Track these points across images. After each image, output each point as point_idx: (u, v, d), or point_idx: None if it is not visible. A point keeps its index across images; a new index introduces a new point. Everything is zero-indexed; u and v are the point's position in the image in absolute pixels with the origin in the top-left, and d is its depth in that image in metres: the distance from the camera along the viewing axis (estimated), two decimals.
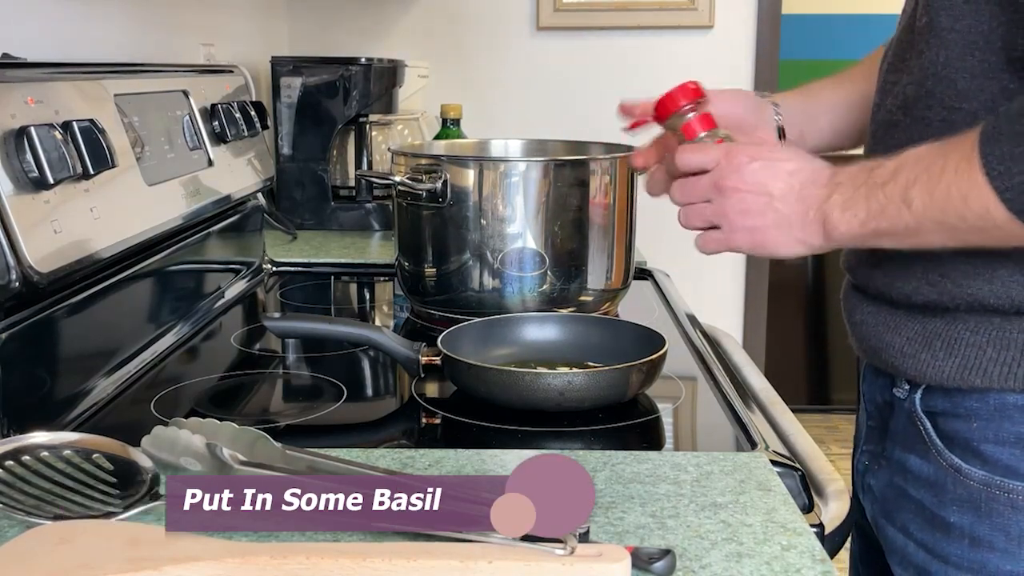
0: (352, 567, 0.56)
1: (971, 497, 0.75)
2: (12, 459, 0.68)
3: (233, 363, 1.13)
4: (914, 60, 0.78)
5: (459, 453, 0.79)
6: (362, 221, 1.87)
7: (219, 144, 1.31)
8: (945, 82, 0.74)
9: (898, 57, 0.81)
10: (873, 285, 0.83)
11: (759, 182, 0.79)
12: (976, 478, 0.75)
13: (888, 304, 0.81)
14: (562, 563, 0.57)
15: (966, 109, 0.73)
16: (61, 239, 0.85)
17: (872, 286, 0.83)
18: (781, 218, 0.78)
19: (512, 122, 2.45)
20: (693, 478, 0.74)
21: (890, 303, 0.81)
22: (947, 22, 0.74)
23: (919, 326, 0.78)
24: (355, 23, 2.50)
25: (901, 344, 0.80)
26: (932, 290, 0.76)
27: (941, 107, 0.75)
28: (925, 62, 0.76)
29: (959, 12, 0.73)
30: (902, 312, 0.80)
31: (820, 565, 0.61)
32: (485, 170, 1.18)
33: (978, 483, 0.75)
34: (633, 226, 1.27)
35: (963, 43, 0.73)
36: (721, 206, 0.81)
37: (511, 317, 1.08)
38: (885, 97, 0.83)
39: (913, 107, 0.78)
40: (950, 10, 0.73)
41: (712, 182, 0.82)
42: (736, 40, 2.53)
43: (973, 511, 0.75)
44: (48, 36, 1.18)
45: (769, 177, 0.79)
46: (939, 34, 0.74)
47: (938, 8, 0.74)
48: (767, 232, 0.79)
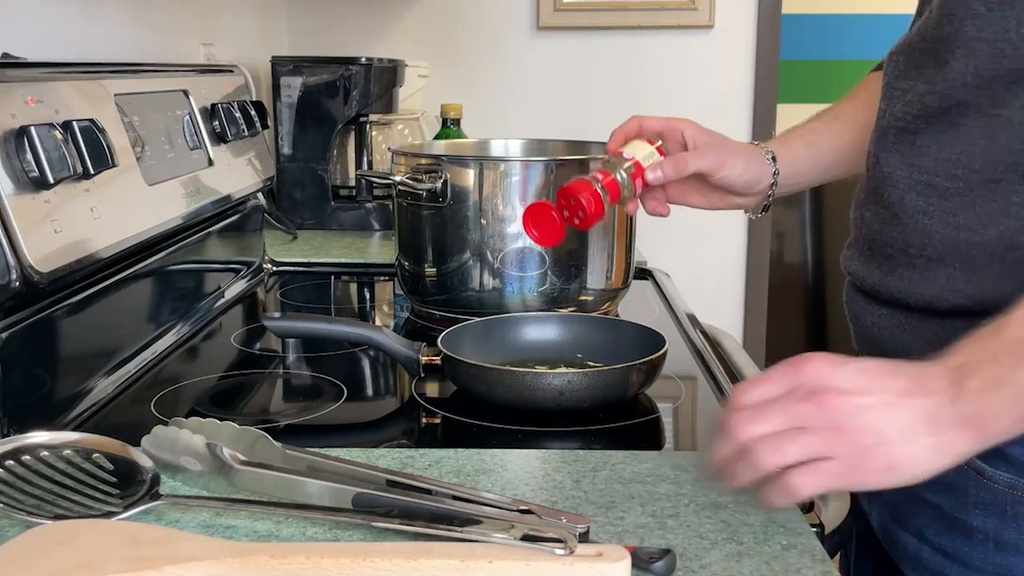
0: (352, 567, 0.56)
1: (995, 500, 0.74)
2: (12, 459, 0.68)
3: (233, 363, 1.13)
4: (933, 69, 0.77)
5: (459, 453, 0.79)
6: (362, 221, 1.87)
7: (219, 144, 1.31)
8: (977, 91, 0.74)
9: (911, 65, 0.80)
10: (887, 292, 0.82)
11: (862, 387, 0.62)
12: (1001, 481, 0.74)
13: (903, 308, 0.81)
14: (562, 563, 0.57)
15: (1005, 116, 0.73)
16: (61, 239, 0.85)
17: (886, 292, 0.82)
18: (907, 425, 0.61)
19: (512, 122, 2.45)
20: (693, 478, 0.74)
21: (905, 308, 0.81)
22: (973, 31, 0.73)
23: (939, 328, 0.78)
24: (355, 23, 2.50)
25: (921, 347, 0.79)
26: (957, 295, 0.76)
27: (978, 115, 0.74)
28: (951, 72, 0.75)
29: (985, 21, 0.73)
30: (918, 315, 0.80)
31: (820, 565, 0.61)
32: (485, 170, 1.18)
33: (1003, 486, 0.74)
34: (633, 226, 1.27)
35: (991, 52, 0.73)
36: (822, 420, 0.62)
37: (511, 317, 1.08)
38: (892, 104, 0.82)
39: (940, 116, 0.77)
40: (975, 19, 0.73)
41: (801, 398, 0.63)
42: (736, 40, 2.52)
43: (998, 514, 0.74)
44: (48, 36, 1.18)
45: (871, 376, 0.63)
46: (965, 43, 0.74)
47: (963, 17, 0.74)
48: (891, 449, 0.61)
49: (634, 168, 0.96)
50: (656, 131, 1.00)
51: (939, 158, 0.77)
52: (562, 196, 0.96)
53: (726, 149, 0.98)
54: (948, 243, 0.77)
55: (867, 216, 0.85)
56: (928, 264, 0.77)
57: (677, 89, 2.50)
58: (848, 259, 0.90)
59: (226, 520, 0.67)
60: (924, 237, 0.78)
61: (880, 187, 0.82)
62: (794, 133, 1.02)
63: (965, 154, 0.76)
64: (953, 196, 0.76)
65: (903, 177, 0.80)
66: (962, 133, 0.76)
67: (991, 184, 0.75)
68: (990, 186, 0.75)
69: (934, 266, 0.77)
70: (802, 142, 1.01)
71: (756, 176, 0.98)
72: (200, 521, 0.67)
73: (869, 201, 0.85)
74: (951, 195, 0.77)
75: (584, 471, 0.75)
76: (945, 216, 0.77)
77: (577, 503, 0.70)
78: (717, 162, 0.96)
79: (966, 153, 0.75)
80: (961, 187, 0.76)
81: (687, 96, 2.50)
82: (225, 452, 0.70)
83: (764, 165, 0.98)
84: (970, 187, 0.75)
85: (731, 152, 0.97)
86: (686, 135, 0.99)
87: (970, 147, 0.75)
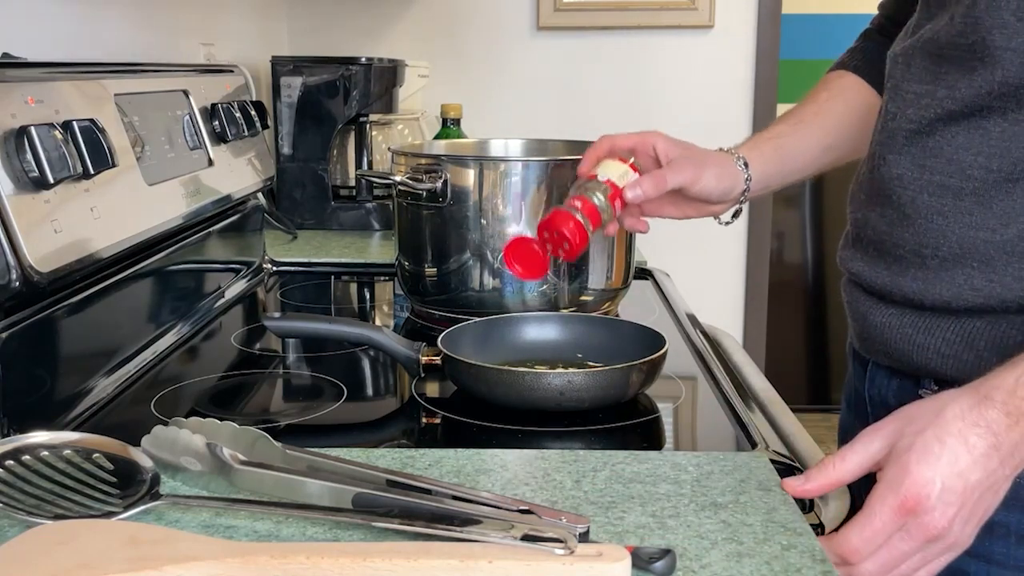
0: (352, 567, 0.56)
1: (1017, 495, 0.73)
2: (12, 459, 0.68)
3: (233, 363, 1.13)
4: (955, 75, 0.77)
5: (459, 453, 0.79)
6: (362, 221, 1.87)
7: (219, 144, 1.31)
8: (1002, 98, 0.75)
9: (926, 69, 0.80)
10: (899, 292, 0.82)
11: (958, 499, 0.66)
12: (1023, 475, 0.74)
13: (915, 308, 0.81)
14: (562, 563, 0.57)
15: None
16: (61, 239, 0.85)
17: (897, 293, 0.82)
18: (1001, 491, 0.69)
19: (512, 122, 2.45)
20: (693, 478, 0.74)
21: (919, 308, 0.81)
22: (1002, 41, 0.74)
23: (957, 327, 0.78)
24: (355, 23, 2.50)
25: (938, 346, 0.79)
26: (976, 295, 0.76)
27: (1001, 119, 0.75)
28: (977, 79, 0.75)
29: (1013, 30, 0.73)
30: (933, 315, 0.80)
31: (820, 565, 0.61)
32: (485, 170, 1.18)
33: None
34: None
35: (1019, 61, 0.73)
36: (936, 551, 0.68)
37: (511, 317, 1.08)
38: (904, 107, 0.82)
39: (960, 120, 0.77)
40: (1003, 29, 0.73)
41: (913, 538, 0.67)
42: (736, 40, 2.52)
43: (1020, 509, 0.75)
44: (48, 36, 1.18)
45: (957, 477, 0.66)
46: (993, 53, 0.74)
47: (990, 27, 0.74)
48: None
49: (611, 190, 0.96)
50: (628, 148, 1.00)
51: (953, 159, 0.77)
52: (544, 229, 0.96)
53: (699, 161, 0.98)
54: (965, 243, 0.77)
55: (872, 217, 0.85)
56: (943, 264, 0.77)
57: (677, 89, 2.50)
58: (849, 259, 0.90)
59: (226, 520, 0.67)
60: (939, 237, 0.78)
61: (888, 188, 0.82)
62: (762, 137, 1.03)
63: (982, 155, 0.76)
64: (968, 196, 0.77)
65: (914, 178, 0.80)
66: (980, 135, 0.76)
67: (1009, 184, 0.75)
68: (1007, 186, 0.75)
69: (950, 266, 0.77)
70: (771, 146, 1.01)
71: (730, 184, 0.99)
72: (200, 521, 0.67)
73: (873, 202, 0.85)
74: (965, 195, 0.77)
75: (584, 471, 0.75)
76: (960, 216, 0.77)
77: (577, 503, 0.70)
78: (693, 175, 0.96)
79: (983, 154, 0.76)
80: (976, 187, 0.76)
81: (687, 96, 2.50)
82: (225, 452, 0.70)
83: (736, 172, 0.99)
84: (986, 187, 0.76)
85: (705, 164, 0.98)
86: (658, 149, 0.99)
87: (987, 148, 0.75)
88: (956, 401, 0.67)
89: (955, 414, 0.66)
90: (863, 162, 0.90)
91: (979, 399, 0.67)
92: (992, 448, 0.66)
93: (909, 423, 0.68)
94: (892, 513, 0.66)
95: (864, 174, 0.88)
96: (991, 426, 0.66)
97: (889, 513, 0.66)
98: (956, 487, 0.66)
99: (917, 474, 0.66)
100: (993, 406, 0.66)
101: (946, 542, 0.67)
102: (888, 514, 0.66)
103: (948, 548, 0.68)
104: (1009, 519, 0.75)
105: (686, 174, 0.96)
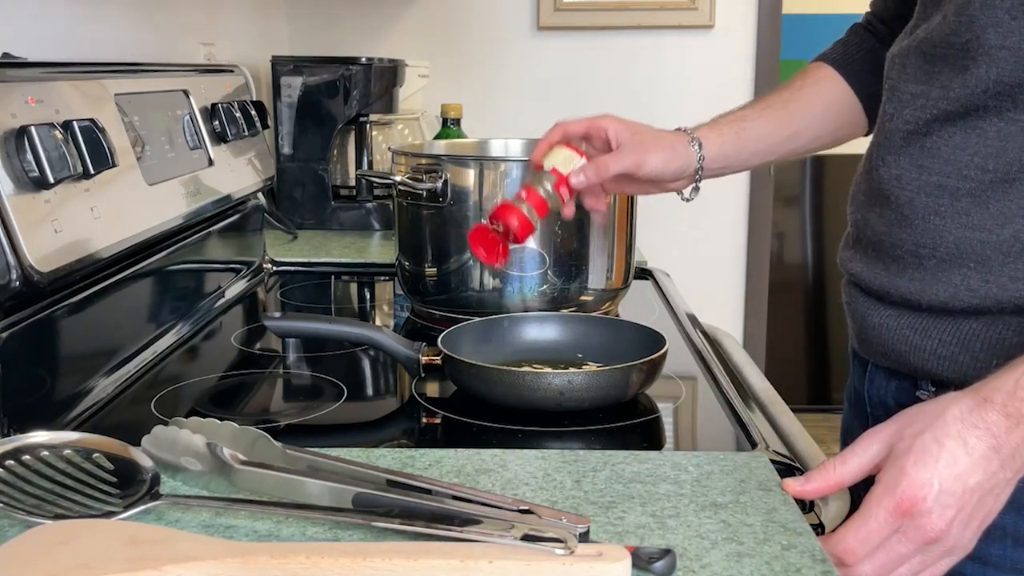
0: (352, 567, 0.56)
1: (1015, 497, 0.72)
2: (12, 459, 0.68)
3: (233, 363, 1.13)
4: (950, 75, 0.77)
5: (459, 453, 0.79)
6: (362, 221, 1.87)
7: (219, 144, 1.31)
8: (998, 97, 0.74)
9: (921, 70, 0.80)
10: (896, 293, 0.82)
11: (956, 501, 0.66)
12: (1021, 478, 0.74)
13: (912, 309, 0.81)
14: (562, 563, 0.57)
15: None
16: (61, 239, 0.85)
17: (895, 293, 0.82)
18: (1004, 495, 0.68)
19: (512, 122, 2.45)
20: (693, 478, 0.74)
21: (916, 308, 0.81)
22: (996, 39, 0.73)
23: (953, 328, 0.78)
24: (355, 23, 2.50)
25: (934, 347, 0.79)
26: (972, 295, 0.76)
27: (997, 118, 0.75)
28: (972, 79, 0.75)
29: (1007, 29, 0.73)
30: (930, 316, 0.80)
31: (820, 565, 0.61)
32: (485, 170, 1.18)
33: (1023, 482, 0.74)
34: (633, 226, 1.27)
35: (1014, 60, 0.73)
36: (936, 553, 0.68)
37: (511, 317, 1.08)
38: (901, 108, 0.82)
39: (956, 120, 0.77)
40: (998, 27, 0.73)
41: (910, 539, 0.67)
42: (736, 40, 2.52)
43: (1016, 511, 0.74)
44: (48, 36, 1.18)
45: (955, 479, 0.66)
46: (988, 52, 0.74)
47: (984, 26, 0.74)
48: None
49: (555, 178, 0.96)
50: (579, 134, 1.00)
51: (950, 159, 0.77)
52: (493, 219, 0.97)
53: (647, 145, 0.97)
54: (962, 243, 0.77)
55: (871, 218, 0.85)
56: (940, 265, 0.77)
57: (677, 89, 2.50)
58: (849, 260, 0.90)
59: (226, 520, 0.67)
60: (936, 238, 0.78)
61: (886, 189, 0.82)
62: (726, 119, 1.02)
63: (978, 155, 0.76)
64: (965, 196, 0.77)
65: (912, 179, 0.80)
66: (976, 135, 0.76)
67: (1005, 184, 0.75)
68: (1004, 186, 0.75)
69: (946, 266, 0.77)
70: (732, 128, 1.01)
71: (681, 165, 0.98)
72: (200, 521, 0.67)
73: (872, 203, 0.85)
74: (962, 195, 0.77)
75: (584, 471, 0.75)
76: (957, 216, 0.77)
77: (577, 503, 0.70)
78: (637, 161, 0.96)
79: (979, 154, 0.76)
80: (973, 187, 0.76)
81: (687, 96, 2.50)
82: (225, 452, 0.70)
83: (689, 153, 0.98)
84: (983, 187, 0.76)
85: (651, 148, 0.97)
86: (609, 133, 0.99)
87: (984, 148, 0.75)
88: (956, 403, 0.67)
89: (955, 416, 0.66)
90: (862, 163, 0.90)
91: (979, 401, 0.66)
92: (992, 450, 0.66)
93: (909, 425, 0.68)
94: (888, 514, 0.66)
95: (863, 175, 0.88)
96: (991, 428, 0.66)
97: (885, 514, 0.66)
98: (954, 489, 0.65)
99: (914, 476, 0.66)
100: (993, 408, 0.66)
101: (945, 545, 0.67)
102: (884, 515, 0.66)
103: (948, 551, 0.67)
104: (1005, 521, 0.75)
105: (630, 159, 0.96)
